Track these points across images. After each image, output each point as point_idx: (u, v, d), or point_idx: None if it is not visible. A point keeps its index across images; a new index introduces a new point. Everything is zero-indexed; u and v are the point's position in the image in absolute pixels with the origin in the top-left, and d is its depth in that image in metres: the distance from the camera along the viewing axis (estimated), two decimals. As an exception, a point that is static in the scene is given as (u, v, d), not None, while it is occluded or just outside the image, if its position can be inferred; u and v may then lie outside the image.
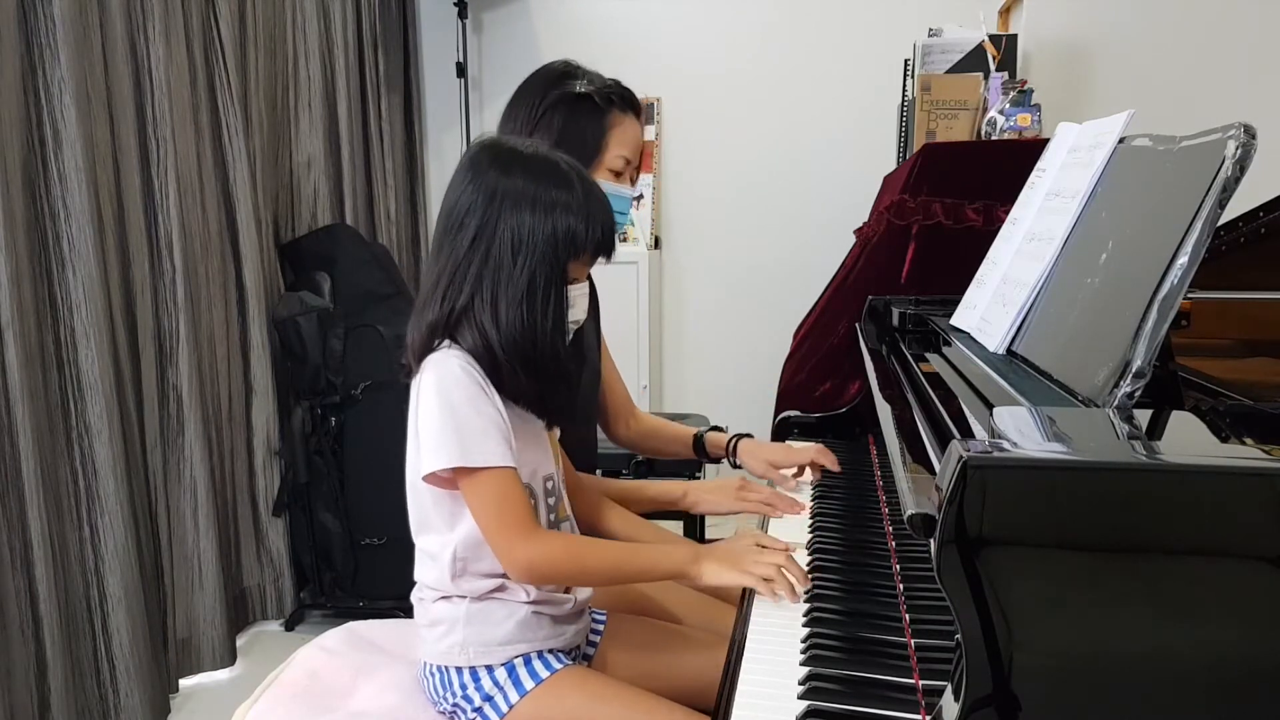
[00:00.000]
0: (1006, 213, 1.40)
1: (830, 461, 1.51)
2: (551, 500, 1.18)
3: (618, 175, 1.44)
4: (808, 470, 1.53)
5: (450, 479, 1.08)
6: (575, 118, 1.40)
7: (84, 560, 1.98)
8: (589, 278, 1.20)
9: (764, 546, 1.15)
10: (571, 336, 1.15)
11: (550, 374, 1.11)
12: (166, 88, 2.19)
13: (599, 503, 1.39)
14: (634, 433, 1.67)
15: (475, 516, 1.08)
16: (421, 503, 1.13)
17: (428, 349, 1.10)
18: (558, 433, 1.24)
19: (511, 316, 1.07)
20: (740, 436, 1.60)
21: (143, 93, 2.17)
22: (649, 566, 1.16)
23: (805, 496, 1.45)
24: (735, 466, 1.60)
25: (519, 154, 1.12)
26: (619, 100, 1.43)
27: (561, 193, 1.09)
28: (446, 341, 1.10)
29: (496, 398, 1.09)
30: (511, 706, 1.11)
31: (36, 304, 1.87)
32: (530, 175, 1.09)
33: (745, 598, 1.10)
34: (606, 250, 1.14)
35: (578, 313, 1.14)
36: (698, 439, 1.63)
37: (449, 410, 1.06)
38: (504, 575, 1.13)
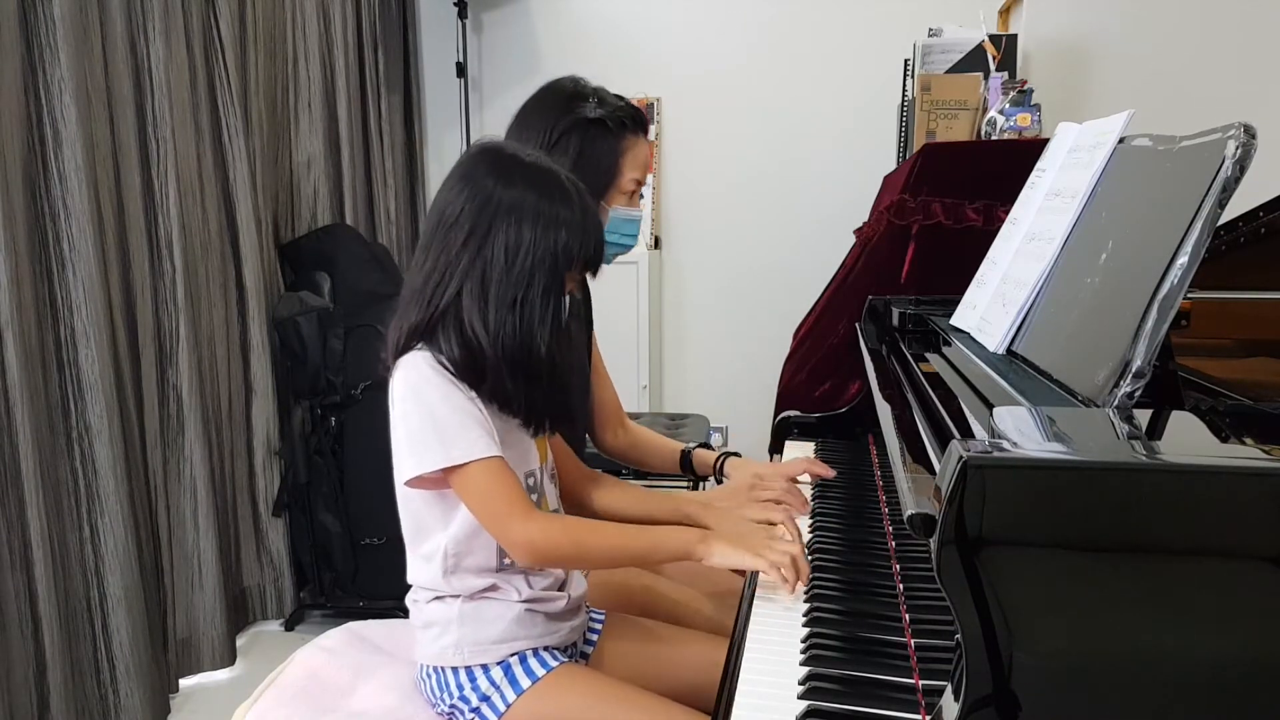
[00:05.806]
0: (1006, 213, 1.40)
1: (823, 470, 1.50)
2: (534, 497, 1.18)
3: (629, 196, 1.45)
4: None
5: (439, 479, 1.08)
6: (591, 143, 1.41)
7: (84, 560, 1.98)
8: (585, 283, 1.20)
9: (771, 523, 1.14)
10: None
11: (543, 380, 1.10)
12: (166, 88, 2.19)
13: (607, 486, 1.37)
14: (622, 442, 1.66)
15: (471, 509, 1.08)
16: (413, 505, 1.13)
17: (407, 349, 1.10)
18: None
19: (502, 318, 1.07)
20: (728, 454, 1.59)
21: (143, 93, 2.17)
22: (653, 546, 1.16)
23: (806, 496, 1.45)
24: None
25: (520, 162, 1.11)
26: (630, 123, 1.43)
27: (563, 208, 1.09)
28: (420, 344, 1.10)
29: (470, 390, 1.08)
30: (509, 705, 1.11)
31: (36, 304, 1.87)
32: (533, 187, 1.09)
33: (744, 597, 1.10)
34: (595, 268, 1.16)
35: None
36: (685, 455, 1.62)
37: (426, 411, 1.06)
38: (496, 572, 1.13)
